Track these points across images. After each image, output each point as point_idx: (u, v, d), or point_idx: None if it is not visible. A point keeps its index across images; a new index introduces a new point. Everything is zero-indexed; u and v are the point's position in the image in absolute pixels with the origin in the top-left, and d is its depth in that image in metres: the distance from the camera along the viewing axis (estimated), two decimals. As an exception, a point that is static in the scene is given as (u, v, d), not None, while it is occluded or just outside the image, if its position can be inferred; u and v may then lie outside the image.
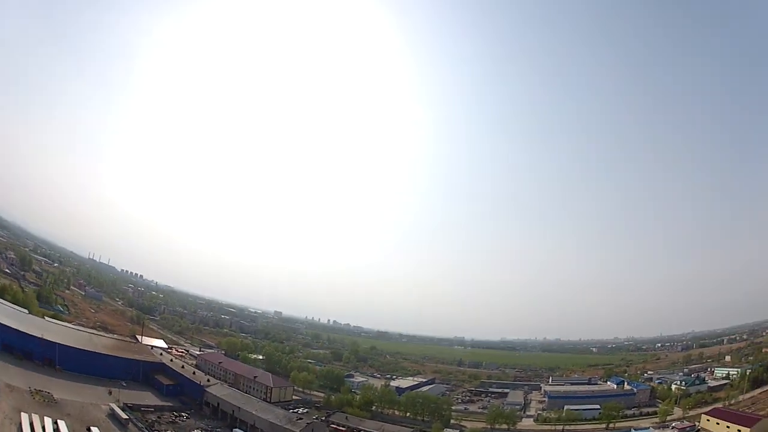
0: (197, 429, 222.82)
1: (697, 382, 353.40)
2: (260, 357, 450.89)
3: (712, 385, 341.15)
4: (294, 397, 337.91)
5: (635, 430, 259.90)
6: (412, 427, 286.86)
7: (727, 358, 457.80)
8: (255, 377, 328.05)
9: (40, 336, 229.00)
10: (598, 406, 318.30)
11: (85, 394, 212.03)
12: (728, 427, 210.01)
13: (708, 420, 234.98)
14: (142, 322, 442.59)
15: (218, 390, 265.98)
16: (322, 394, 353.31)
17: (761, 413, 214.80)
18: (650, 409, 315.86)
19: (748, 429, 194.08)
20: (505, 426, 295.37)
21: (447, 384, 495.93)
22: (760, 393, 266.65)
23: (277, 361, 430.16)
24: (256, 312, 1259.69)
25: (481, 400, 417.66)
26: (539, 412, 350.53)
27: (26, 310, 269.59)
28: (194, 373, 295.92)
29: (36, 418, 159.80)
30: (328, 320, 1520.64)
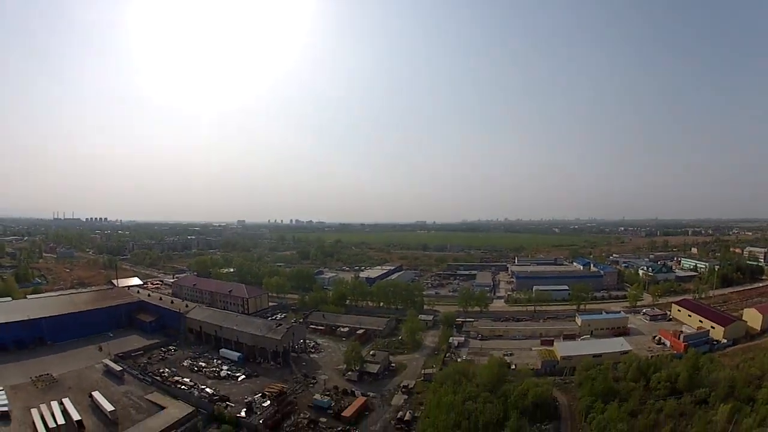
0: (186, 359, 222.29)
1: (664, 270, 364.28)
2: (231, 270, 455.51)
3: (679, 275, 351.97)
4: (270, 303, 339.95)
5: (606, 312, 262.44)
6: (388, 317, 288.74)
7: (694, 250, 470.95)
8: (230, 291, 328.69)
9: (26, 318, 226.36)
10: (566, 287, 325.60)
11: (78, 360, 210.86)
12: (701, 321, 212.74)
13: (679, 310, 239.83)
14: (115, 266, 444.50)
15: (197, 313, 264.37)
16: (296, 296, 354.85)
17: (734, 314, 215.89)
18: (619, 293, 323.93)
19: (723, 328, 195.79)
20: (477, 308, 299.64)
21: (415, 270, 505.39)
22: (730, 292, 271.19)
23: (248, 271, 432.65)
24: (220, 225, 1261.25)
25: (450, 283, 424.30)
26: (509, 293, 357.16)
27: (9, 298, 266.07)
28: (172, 302, 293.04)
29: (44, 409, 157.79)
30: (291, 220, 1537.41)
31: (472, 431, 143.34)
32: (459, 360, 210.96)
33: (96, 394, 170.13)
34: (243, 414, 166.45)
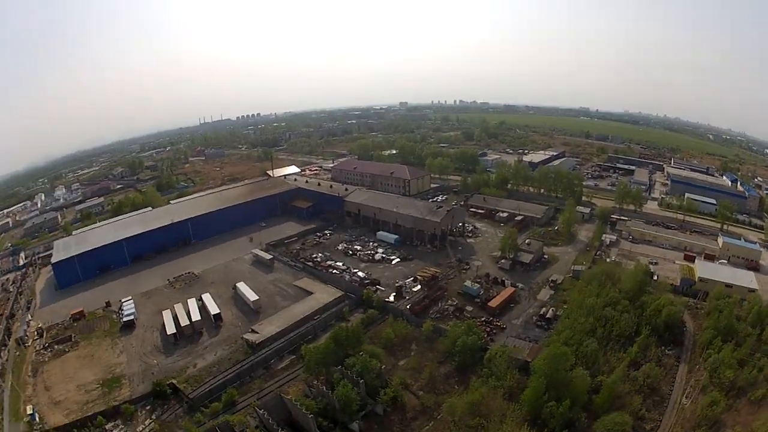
0: (342, 243, 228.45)
1: None
2: (393, 152, 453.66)
3: None
4: (431, 185, 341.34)
5: (745, 240, 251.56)
6: (547, 205, 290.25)
7: None
8: (391, 173, 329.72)
9: (169, 222, 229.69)
10: (714, 201, 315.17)
11: (226, 254, 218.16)
12: None
13: None
14: (270, 157, 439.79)
15: (356, 196, 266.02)
16: (458, 178, 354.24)
17: None
18: (759, 222, 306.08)
19: None
20: (632, 207, 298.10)
21: (577, 158, 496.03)
22: None
23: (410, 152, 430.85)
24: (381, 108, 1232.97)
25: (609, 176, 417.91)
26: (662, 195, 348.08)
27: (149, 208, 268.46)
28: (331, 186, 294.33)
29: (179, 308, 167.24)
30: (455, 101, 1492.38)
31: (605, 339, 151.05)
32: (608, 260, 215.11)
33: (240, 285, 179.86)
34: (391, 298, 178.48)
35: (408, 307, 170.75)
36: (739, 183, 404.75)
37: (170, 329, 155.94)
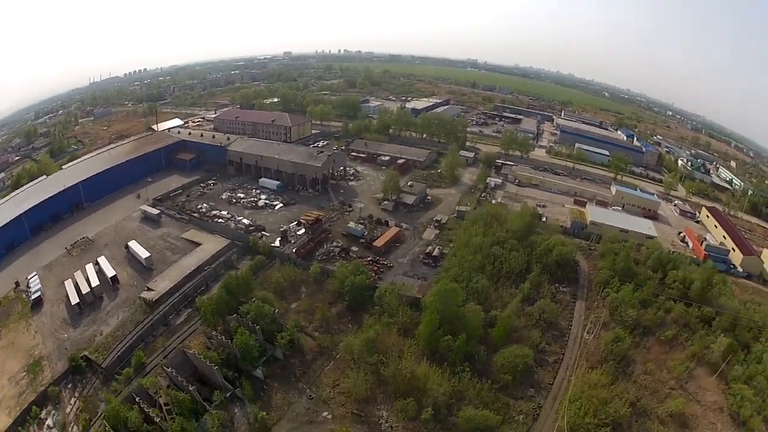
0: (225, 191, 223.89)
1: (702, 170, 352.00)
2: (275, 100, 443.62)
3: (715, 181, 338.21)
4: (313, 131, 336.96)
5: (641, 191, 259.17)
6: (430, 149, 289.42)
7: (732, 163, 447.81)
8: (272, 121, 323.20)
9: (60, 190, 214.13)
10: (607, 153, 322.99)
11: (116, 213, 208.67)
12: (725, 237, 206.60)
13: (708, 216, 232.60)
14: (154, 111, 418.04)
15: (238, 145, 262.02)
16: (339, 124, 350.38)
17: (755, 247, 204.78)
18: (656, 175, 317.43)
19: (742, 256, 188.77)
20: (518, 153, 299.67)
21: (461, 106, 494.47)
22: (756, 224, 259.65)
23: (292, 100, 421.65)
24: (265, 58, 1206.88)
25: (495, 123, 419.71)
26: (551, 144, 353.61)
27: (44, 176, 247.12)
28: (213, 137, 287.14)
29: (79, 276, 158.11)
30: (339, 50, 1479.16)
31: (495, 276, 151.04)
32: (493, 202, 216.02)
33: (132, 244, 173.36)
34: (277, 243, 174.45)
35: (294, 251, 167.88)
36: (635, 138, 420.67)
37: (74, 299, 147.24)
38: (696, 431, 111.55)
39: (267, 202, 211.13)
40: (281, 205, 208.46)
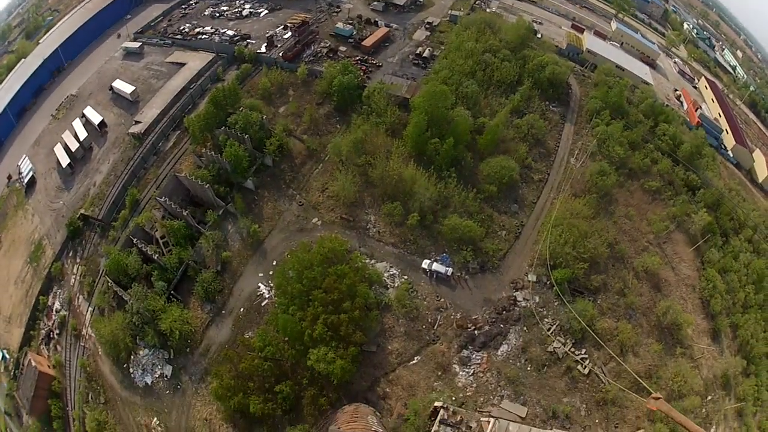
0: (208, 7, 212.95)
1: (708, 43, 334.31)
2: None
3: (718, 59, 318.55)
4: None
5: (642, 35, 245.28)
6: None
7: (739, 53, 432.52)
8: None
9: (39, 62, 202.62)
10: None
11: (97, 60, 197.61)
12: (720, 116, 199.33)
13: (706, 87, 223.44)
14: None
15: None
16: None
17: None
18: (660, 29, 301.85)
19: (734, 143, 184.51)
20: None
21: None
22: (754, 120, 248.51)
23: None
24: None
25: None
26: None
27: (22, 60, 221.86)
28: None
29: (67, 136, 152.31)
30: None
31: (486, 84, 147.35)
32: (488, 11, 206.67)
33: (116, 83, 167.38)
34: (263, 49, 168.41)
35: (281, 54, 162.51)
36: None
37: (64, 161, 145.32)
38: (668, 300, 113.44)
39: (252, 10, 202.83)
40: (266, 11, 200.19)
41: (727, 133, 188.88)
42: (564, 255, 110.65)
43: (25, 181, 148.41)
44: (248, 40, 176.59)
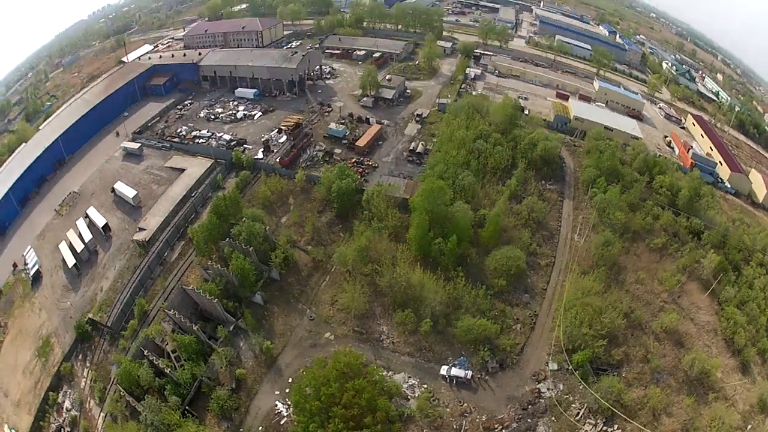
0: (203, 109, 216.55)
1: (688, 76, 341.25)
2: (244, 6, 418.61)
3: (701, 91, 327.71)
4: (285, 32, 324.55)
5: (624, 89, 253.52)
6: (406, 41, 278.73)
7: (719, 76, 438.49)
8: (243, 28, 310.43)
9: (40, 153, 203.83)
10: (589, 47, 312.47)
11: (98, 158, 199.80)
12: (711, 149, 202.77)
13: (693, 124, 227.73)
14: (122, 43, 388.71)
15: (210, 58, 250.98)
16: (311, 22, 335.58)
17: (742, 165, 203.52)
18: (640, 75, 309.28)
19: (730, 172, 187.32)
20: (497, 43, 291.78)
21: None
22: (743, 142, 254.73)
23: (261, 3, 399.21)
24: None
25: (472, 13, 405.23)
26: (530, 35, 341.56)
27: (23, 144, 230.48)
28: (184, 55, 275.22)
29: (71, 235, 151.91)
30: None
31: (481, 172, 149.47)
32: (474, 93, 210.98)
33: (118, 185, 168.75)
34: (260, 155, 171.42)
35: (278, 160, 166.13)
36: (618, 35, 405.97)
37: (70, 262, 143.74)
38: (692, 352, 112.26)
39: (246, 113, 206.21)
40: (260, 114, 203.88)
41: (721, 164, 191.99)
42: (581, 336, 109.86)
43: (31, 273, 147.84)
44: (245, 145, 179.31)
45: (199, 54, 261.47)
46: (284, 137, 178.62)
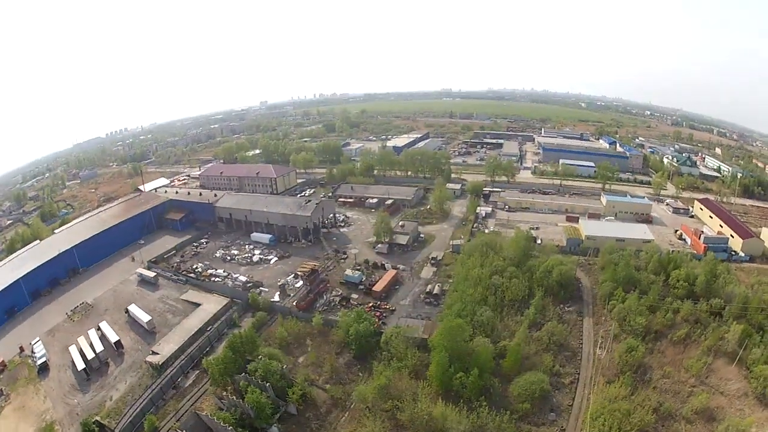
0: (219, 249, 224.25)
1: (689, 163, 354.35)
2: (257, 152, 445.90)
3: (703, 172, 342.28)
4: (298, 180, 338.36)
5: (631, 196, 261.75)
6: (416, 186, 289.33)
7: (718, 150, 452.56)
8: (257, 173, 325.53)
9: (55, 255, 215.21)
10: (592, 164, 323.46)
11: (112, 277, 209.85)
12: (721, 226, 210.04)
13: (701, 209, 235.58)
14: (140, 171, 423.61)
15: (226, 201, 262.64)
16: (323, 170, 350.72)
17: (753, 229, 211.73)
18: (644, 178, 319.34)
19: (742, 241, 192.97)
20: (504, 178, 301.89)
21: (441, 137, 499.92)
22: (750, 205, 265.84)
23: (274, 150, 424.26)
24: (242, 110, 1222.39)
25: (477, 151, 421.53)
26: (535, 164, 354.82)
27: (38, 241, 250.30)
28: (200, 194, 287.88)
29: (82, 341, 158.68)
30: (314, 95, 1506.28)
31: (499, 306, 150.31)
32: (486, 231, 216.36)
33: (132, 308, 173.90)
34: (276, 298, 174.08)
35: (294, 304, 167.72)
36: (618, 144, 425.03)
37: (80, 365, 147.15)
38: (725, 422, 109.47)
39: (261, 257, 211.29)
40: (276, 258, 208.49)
41: (732, 237, 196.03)
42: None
43: (38, 363, 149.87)
44: (261, 288, 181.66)
45: (215, 195, 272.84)
46: (300, 282, 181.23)
